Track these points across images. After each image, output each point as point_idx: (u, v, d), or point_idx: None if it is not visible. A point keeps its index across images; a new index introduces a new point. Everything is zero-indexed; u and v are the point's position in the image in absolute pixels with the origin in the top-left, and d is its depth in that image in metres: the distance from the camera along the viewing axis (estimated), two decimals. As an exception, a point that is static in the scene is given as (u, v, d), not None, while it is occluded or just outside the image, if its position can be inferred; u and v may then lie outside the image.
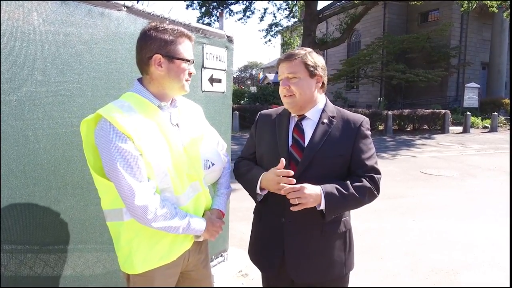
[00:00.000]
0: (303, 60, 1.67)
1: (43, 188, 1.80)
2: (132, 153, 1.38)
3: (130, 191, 1.37)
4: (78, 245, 1.98)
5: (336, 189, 1.61)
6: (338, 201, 1.60)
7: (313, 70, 1.69)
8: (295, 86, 1.67)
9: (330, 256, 1.72)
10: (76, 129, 1.87)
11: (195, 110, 1.74)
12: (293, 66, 1.68)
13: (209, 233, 1.61)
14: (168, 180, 1.47)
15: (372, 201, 1.70)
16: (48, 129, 1.80)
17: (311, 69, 1.68)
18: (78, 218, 1.97)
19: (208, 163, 1.66)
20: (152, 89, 1.52)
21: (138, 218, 1.41)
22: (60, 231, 1.90)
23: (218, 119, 2.97)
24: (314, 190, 1.58)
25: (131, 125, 1.39)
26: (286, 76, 1.69)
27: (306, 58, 1.68)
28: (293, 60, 1.68)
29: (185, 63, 1.51)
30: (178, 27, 1.52)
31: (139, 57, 1.50)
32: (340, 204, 1.62)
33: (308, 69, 1.68)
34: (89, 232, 2.03)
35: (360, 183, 1.65)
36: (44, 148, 1.79)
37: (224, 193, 1.79)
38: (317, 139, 1.69)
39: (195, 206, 1.59)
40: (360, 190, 1.63)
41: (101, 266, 2.12)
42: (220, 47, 2.94)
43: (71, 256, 1.95)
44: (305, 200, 1.56)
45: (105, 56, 2.01)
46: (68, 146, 1.88)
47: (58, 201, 1.87)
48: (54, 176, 1.84)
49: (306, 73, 1.68)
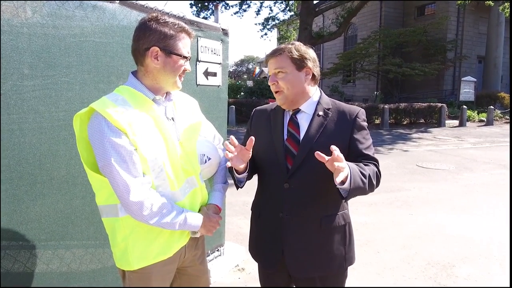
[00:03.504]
0: (289, 54, 1.64)
1: (28, 182, 1.79)
2: (127, 148, 1.35)
3: (124, 187, 1.34)
4: (64, 240, 1.97)
5: (358, 168, 1.53)
6: (360, 182, 1.50)
7: (300, 63, 1.66)
8: (282, 81, 1.65)
9: (330, 250, 1.71)
10: (62, 123, 1.85)
11: (191, 104, 1.72)
12: (279, 61, 1.65)
13: (206, 229, 1.58)
14: (164, 175, 1.45)
15: (373, 190, 1.63)
16: (34, 123, 1.78)
17: (298, 62, 1.65)
18: (63, 212, 1.96)
19: (204, 158, 1.63)
20: (147, 82, 1.49)
21: (133, 214, 1.39)
22: (45, 225, 1.89)
23: (213, 113, 2.94)
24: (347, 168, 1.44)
25: (125, 120, 1.36)
26: (274, 72, 1.67)
27: (292, 52, 1.65)
28: (279, 55, 1.65)
29: (182, 59, 1.48)
30: (179, 21, 1.48)
31: (136, 47, 1.46)
32: (360, 186, 1.50)
33: (295, 63, 1.65)
34: (75, 226, 2.02)
35: (370, 167, 1.60)
36: (30, 143, 1.77)
37: (221, 188, 1.77)
38: (313, 132, 1.67)
39: (191, 202, 1.57)
40: (372, 173, 1.58)
41: (89, 261, 2.11)
42: (215, 40, 2.90)
43: (57, 251, 1.94)
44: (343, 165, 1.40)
45: (95, 50, 1.98)
46: (54, 140, 1.86)
47: (43, 195, 1.86)
48: (40, 170, 1.83)
49: (293, 67, 1.65)
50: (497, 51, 22.03)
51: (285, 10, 23.24)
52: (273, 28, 24.00)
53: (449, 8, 22.23)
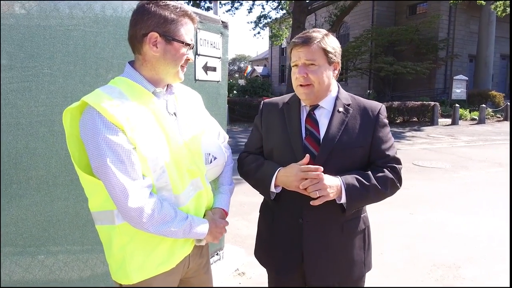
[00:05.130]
0: (323, 46, 1.50)
1: (2, 182, 1.63)
2: (124, 147, 1.19)
3: (122, 191, 1.19)
4: (46, 245, 1.82)
5: (357, 180, 1.48)
6: (360, 193, 1.47)
7: (332, 57, 1.52)
8: (313, 75, 1.50)
9: (351, 255, 1.60)
10: (42, 118, 1.69)
11: (194, 98, 1.56)
12: (312, 52, 1.49)
13: (212, 236, 1.43)
14: (166, 177, 1.29)
15: (394, 193, 1.58)
16: (11, 118, 1.62)
17: (330, 55, 1.52)
18: (44, 215, 1.80)
19: (210, 157, 1.47)
20: (145, 73, 1.33)
21: (132, 221, 1.23)
22: (23, 229, 1.73)
23: (212, 110, 2.78)
24: (334, 181, 1.45)
25: (122, 114, 1.20)
26: (304, 63, 1.51)
27: (325, 43, 1.50)
28: (312, 45, 1.49)
29: (184, 47, 1.32)
30: (181, 4, 1.33)
31: (132, 33, 1.30)
32: (362, 196, 1.48)
33: (327, 56, 1.51)
34: (57, 230, 1.86)
35: (382, 174, 1.52)
36: (5, 139, 1.61)
37: (227, 189, 1.61)
38: (334, 130, 1.53)
39: (196, 206, 1.42)
40: (382, 181, 1.50)
41: (76, 267, 1.95)
42: (215, 33, 2.75)
43: (37, 256, 1.78)
44: (326, 192, 1.41)
45: (84, 40, 1.81)
46: (32, 137, 1.70)
47: (20, 196, 1.70)
48: (15, 170, 1.67)
49: (325, 60, 1.51)
50: (488, 50, 22.16)
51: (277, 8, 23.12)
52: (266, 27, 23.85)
53: (441, 7, 22.31)
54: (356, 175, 1.50)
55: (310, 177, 1.42)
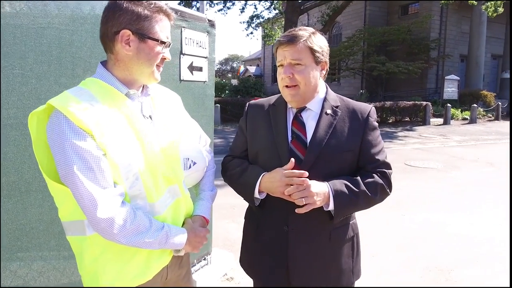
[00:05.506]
0: (309, 45, 1.42)
1: None
2: (93, 153, 1.11)
3: (91, 201, 1.10)
4: (18, 254, 1.72)
5: (346, 186, 1.41)
6: (349, 200, 1.40)
7: (319, 56, 1.45)
8: (300, 75, 1.42)
9: (339, 264, 1.53)
10: (13, 121, 1.60)
11: (173, 100, 1.47)
12: (298, 51, 1.41)
13: (191, 246, 1.35)
14: (140, 185, 1.21)
15: (384, 199, 1.52)
16: None
17: (317, 55, 1.44)
18: (15, 222, 1.70)
19: (189, 162, 1.39)
20: (118, 73, 1.25)
21: (102, 233, 1.15)
22: None
23: (198, 111, 2.70)
24: (321, 188, 1.38)
25: (91, 118, 1.12)
26: (289, 62, 1.43)
27: (312, 42, 1.43)
28: (298, 44, 1.41)
29: (159, 45, 1.24)
30: (156, 1, 1.24)
31: (104, 30, 1.22)
32: (351, 203, 1.42)
33: (314, 55, 1.44)
34: (31, 238, 1.76)
35: (372, 179, 1.45)
36: None
37: (208, 196, 1.53)
38: (321, 133, 1.46)
39: (173, 214, 1.34)
40: (371, 187, 1.44)
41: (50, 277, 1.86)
42: (201, 31, 2.66)
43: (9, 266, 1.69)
44: (312, 200, 1.34)
45: (58, 38, 1.72)
46: (3, 141, 1.61)
47: None
48: None
49: (312, 60, 1.44)
50: (479, 50, 22.26)
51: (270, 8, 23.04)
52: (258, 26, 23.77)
53: (433, 7, 22.38)
54: (345, 180, 1.43)
55: (295, 183, 1.34)
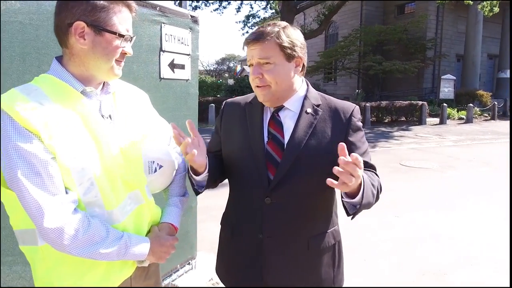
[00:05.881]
0: (278, 41, 1.31)
1: None
2: (40, 157, 1.00)
3: (37, 209, 1.00)
4: None
5: (369, 177, 1.27)
6: (370, 195, 1.22)
7: (291, 52, 1.33)
8: (269, 75, 1.32)
9: (318, 274, 1.43)
10: None
11: (138, 98, 1.37)
12: (265, 49, 1.30)
13: (156, 256, 1.24)
14: (96, 191, 1.10)
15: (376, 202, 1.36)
16: None
17: (288, 51, 1.32)
18: None
19: (154, 166, 1.28)
20: (73, 69, 1.14)
21: (52, 243, 1.04)
22: None
23: (181, 111, 2.60)
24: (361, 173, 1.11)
25: (39, 119, 1.01)
26: (258, 62, 1.32)
27: (280, 38, 1.31)
28: (265, 41, 1.30)
29: (118, 38, 1.13)
30: None
31: (57, 22, 1.12)
32: (371, 197, 1.23)
33: (284, 52, 1.32)
34: None
35: (376, 176, 1.35)
36: None
37: (178, 201, 1.42)
38: (300, 134, 1.35)
39: (136, 222, 1.23)
40: (379, 184, 1.34)
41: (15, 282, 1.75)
42: (183, 28, 2.56)
43: None
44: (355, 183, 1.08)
45: (22, 33, 1.61)
46: None
47: None
48: None
49: (282, 57, 1.32)
50: (475, 49, 22.24)
51: (266, 8, 22.97)
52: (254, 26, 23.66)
53: (429, 7, 22.33)
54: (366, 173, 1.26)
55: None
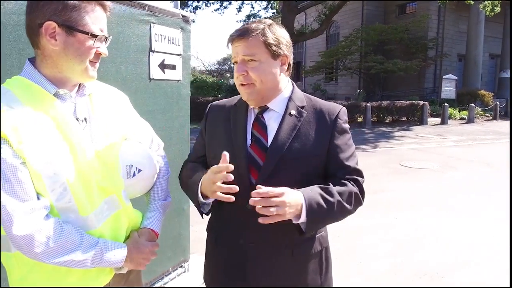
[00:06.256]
0: (262, 38, 1.28)
1: None
2: (8, 162, 0.97)
3: (6, 215, 0.97)
4: None
5: (320, 196, 1.24)
6: (322, 211, 1.23)
7: (276, 50, 1.30)
8: (254, 72, 1.29)
9: (304, 281, 1.39)
10: None
11: (117, 99, 1.33)
12: (250, 46, 1.28)
13: (134, 263, 1.21)
14: (70, 196, 1.07)
15: (356, 210, 1.36)
16: None
17: (274, 48, 1.30)
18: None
19: (132, 170, 1.24)
20: (46, 71, 1.11)
21: (22, 251, 1.02)
22: None
23: (172, 112, 2.56)
24: (296, 198, 1.19)
25: (8, 122, 0.98)
26: (242, 59, 1.29)
27: (266, 35, 1.28)
28: (250, 38, 1.27)
29: (91, 39, 1.10)
30: None
31: (28, 22, 1.09)
32: (324, 215, 1.25)
33: (269, 49, 1.29)
34: None
35: (345, 187, 1.30)
36: None
37: (159, 206, 1.39)
38: (283, 136, 1.32)
39: (113, 228, 1.20)
40: (346, 196, 1.28)
41: None
42: (174, 28, 2.52)
43: None
44: (283, 211, 1.14)
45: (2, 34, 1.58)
46: None
47: None
48: None
49: (268, 54, 1.29)
50: (477, 49, 22.14)
51: (266, 8, 22.93)
52: (255, 26, 23.61)
53: (430, 6, 22.24)
54: (317, 189, 1.26)
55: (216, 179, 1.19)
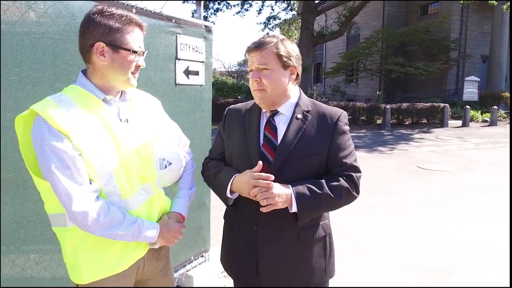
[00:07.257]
0: (276, 50, 1.51)
1: None
2: (69, 153, 1.23)
3: (67, 196, 1.23)
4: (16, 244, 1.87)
5: (308, 189, 1.48)
6: (311, 202, 1.47)
7: (287, 61, 1.53)
8: (266, 79, 1.52)
9: (309, 263, 1.60)
10: (10, 124, 1.74)
11: (151, 104, 1.59)
12: (264, 56, 1.51)
13: (165, 240, 1.46)
14: (114, 182, 1.33)
15: (351, 202, 1.57)
16: None
17: (285, 59, 1.53)
18: (13, 216, 1.85)
19: (164, 162, 1.50)
20: (96, 81, 1.37)
21: (78, 224, 1.27)
22: None
23: (195, 114, 2.82)
24: (284, 190, 1.46)
25: (68, 122, 1.25)
26: (257, 67, 1.53)
27: (278, 47, 1.52)
28: (264, 50, 1.51)
29: (132, 54, 1.36)
30: (128, 13, 1.37)
31: (81, 43, 1.36)
32: (314, 205, 1.49)
33: (281, 60, 1.52)
34: (28, 231, 1.90)
35: (336, 183, 1.51)
36: None
37: (186, 194, 1.64)
38: (290, 137, 1.54)
39: (147, 211, 1.45)
40: (335, 190, 1.50)
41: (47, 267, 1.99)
42: (197, 37, 2.78)
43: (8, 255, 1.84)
44: (274, 201, 1.43)
45: (53, 47, 1.86)
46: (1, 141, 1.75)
47: None
48: None
49: (279, 64, 1.53)
50: (501, 50, 21.74)
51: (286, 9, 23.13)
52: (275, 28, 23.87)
53: (452, 7, 21.97)
54: (308, 183, 1.50)
55: (260, 185, 1.43)
